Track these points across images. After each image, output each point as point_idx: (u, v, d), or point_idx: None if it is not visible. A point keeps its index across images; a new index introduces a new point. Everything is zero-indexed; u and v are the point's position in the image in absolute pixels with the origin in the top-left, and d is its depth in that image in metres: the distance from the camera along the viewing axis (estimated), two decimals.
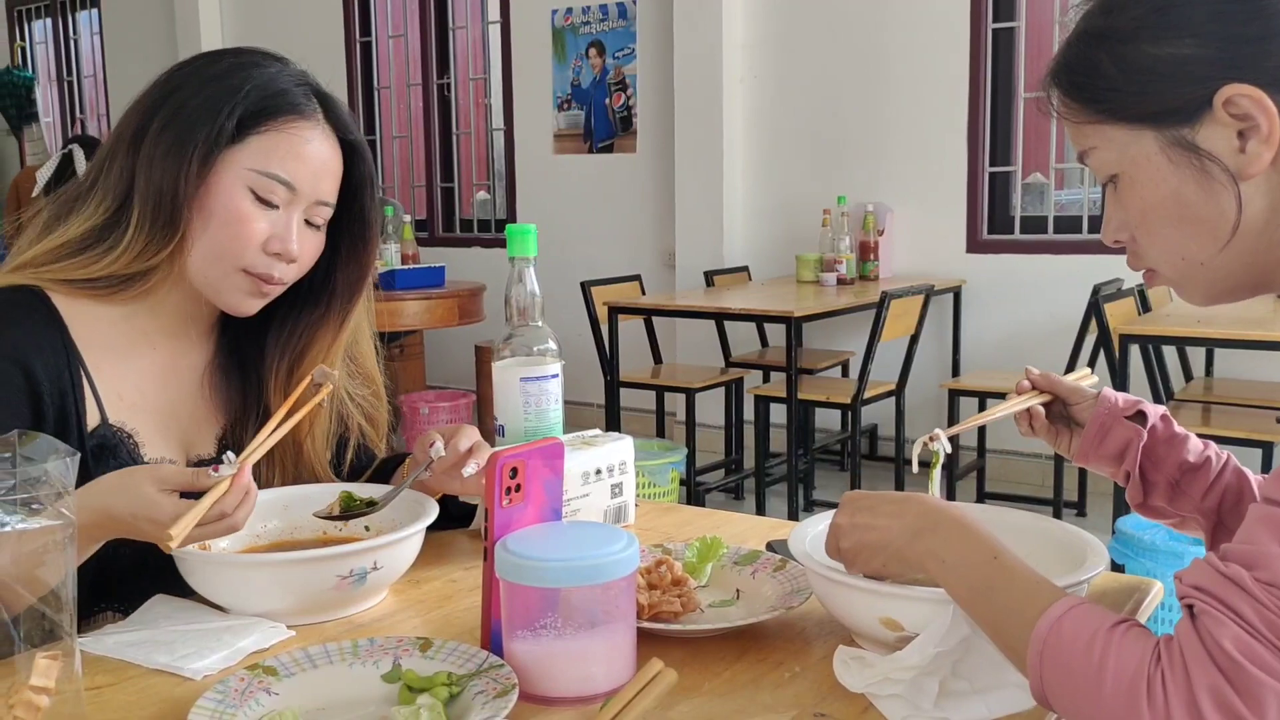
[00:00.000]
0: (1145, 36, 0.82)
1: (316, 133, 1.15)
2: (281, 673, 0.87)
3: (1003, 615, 0.80)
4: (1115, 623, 0.74)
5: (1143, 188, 0.84)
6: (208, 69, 1.15)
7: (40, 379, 1.07)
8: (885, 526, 0.90)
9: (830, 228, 4.52)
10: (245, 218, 1.12)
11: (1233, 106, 0.79)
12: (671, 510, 1.42)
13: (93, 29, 7.72)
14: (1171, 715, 0.69)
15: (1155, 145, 0.82)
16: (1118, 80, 0.83)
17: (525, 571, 0.85)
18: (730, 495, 4.41)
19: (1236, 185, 0.80)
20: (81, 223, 1.12)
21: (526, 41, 5.64)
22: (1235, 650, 0.68)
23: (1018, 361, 4.42)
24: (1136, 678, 0.71)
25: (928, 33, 4.53)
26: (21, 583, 0.77)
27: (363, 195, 1.22)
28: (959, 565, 0.84)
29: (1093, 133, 0.86)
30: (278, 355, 1.23)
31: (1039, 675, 0.76)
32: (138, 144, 1.12)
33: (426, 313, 4.54)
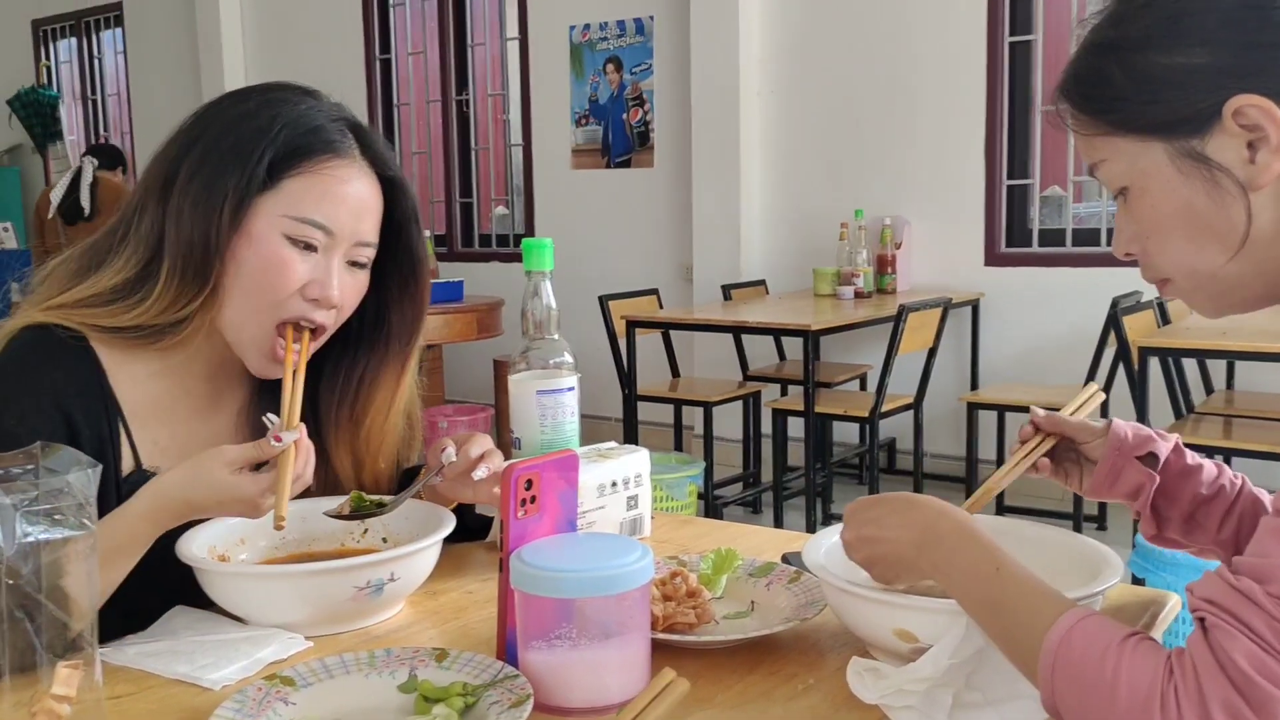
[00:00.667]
0: (1155, 46, 0.82)
1: (353, 171, 1.11)
2: (299, 683, 0.88)
3: (1011, 627, 0.80)
4: (1126, 635, 0.74)
5: (1153, 199, 0.84)
6: (234, 109, 1.11)
7: (79, 423, 1.07)
8: (893, 540, 0.91)
9: (848, 241, 4.52)
10: (283, 264, 1.08)
11: (1242, 117, 0.79)
12: (687, 523, 1.42)
13: (116, 48, 7.82)
14: None
15: (1165, 156, 0.82)
16: (1127, 90, 0.83)
17: (540, 582, 0.85)
18: (748, 509, 4.40)
19: (1247, 196, 0.80)
20: (113, 275, 1.10)
21: (545, 57, 5.68)
22: (1247, 664, 0.68)
23: (1037, 375, 4.41)
24: (1151, 691, 0.70)
25: (945, 46, 4.53)
26: (44, 593, 0.78)
27: (408, 231, 1.18)
28: (964, 578, 0.85)
29: (1103, 145, 0.86)
30: (335, 403, 1.20)
31: (1050, 688, 0.76)
32: (166, 194, 1.09)
33: (445, 327, 4.57)
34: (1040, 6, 4.41)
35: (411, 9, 6.31)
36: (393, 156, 1.17)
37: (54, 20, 8.20)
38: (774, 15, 4.92)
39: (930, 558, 0.87)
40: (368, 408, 1.21)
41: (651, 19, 5.30)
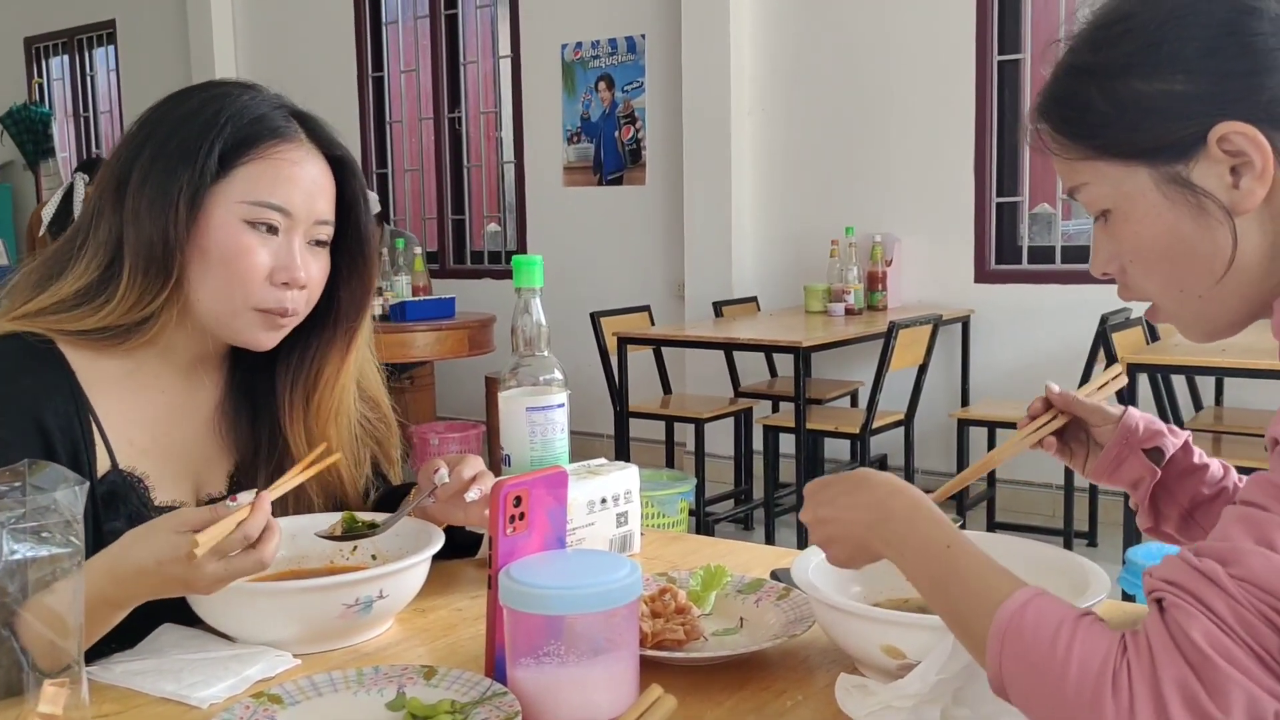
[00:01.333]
0: (1137, 73, 0.82)
1: (302, 153, 1.13)
2: (287, 701, 0.88)
3: (961, 604, 0.80)
4: (1081, 614, 0.73)
5: (1137, 224, 0.84)
6: (178, 109, 1.13)
7: (51, 428, 1.07)
8: (846, 520, 0.90)
9: (838, 258, 4.53)
10: (245, 250, 1.10)
11: (1227, 143, 0.79)
12: (677, 539, 1.42)
13: (109, 65, 7.83)
14: (1136, 708, 0.67)
15: (1150, 181, 0.83)
16: (1110, 116, 0.83)
17: (529, 599, 0.85)
18: (739, 526, 4.40)
19: (1232, 220, 0.81)
20: (74, 281, 1.10)
21: (537, 76, 5.70)
22: (1205, 643, 0.67)
23: (1027, 391, 4.40)
24: (1102, 669, 0.69)
25: (934, 64, 4.56)
26: (30, 610, 0.78)
27: (357, 210, 1.20)
28: (915, 555, 0.84)
29: (1085, 169, 0.86)
30: (289, 384, 1.21)
31: (998, 665, 0.75)
32: (120, 198, 1.10)
33: (437, 344, 4.56)
34: (1028, 25, 4.45)
35: (404, 27, 6.34)
36: (338, 136, 1.19)
37: (47, 38, 8.22)
38: (765, 34, 4.95)
39: (882, 535, 0.87)
40: (317, 383, 1.21)
41: (643, 37, 5.33)
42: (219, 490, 1.20)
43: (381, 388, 1.31)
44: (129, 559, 0.95)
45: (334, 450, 1.17)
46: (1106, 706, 0.68)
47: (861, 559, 0.91)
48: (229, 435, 1.22)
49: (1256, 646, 0.68)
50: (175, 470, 1.17)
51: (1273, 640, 0.68)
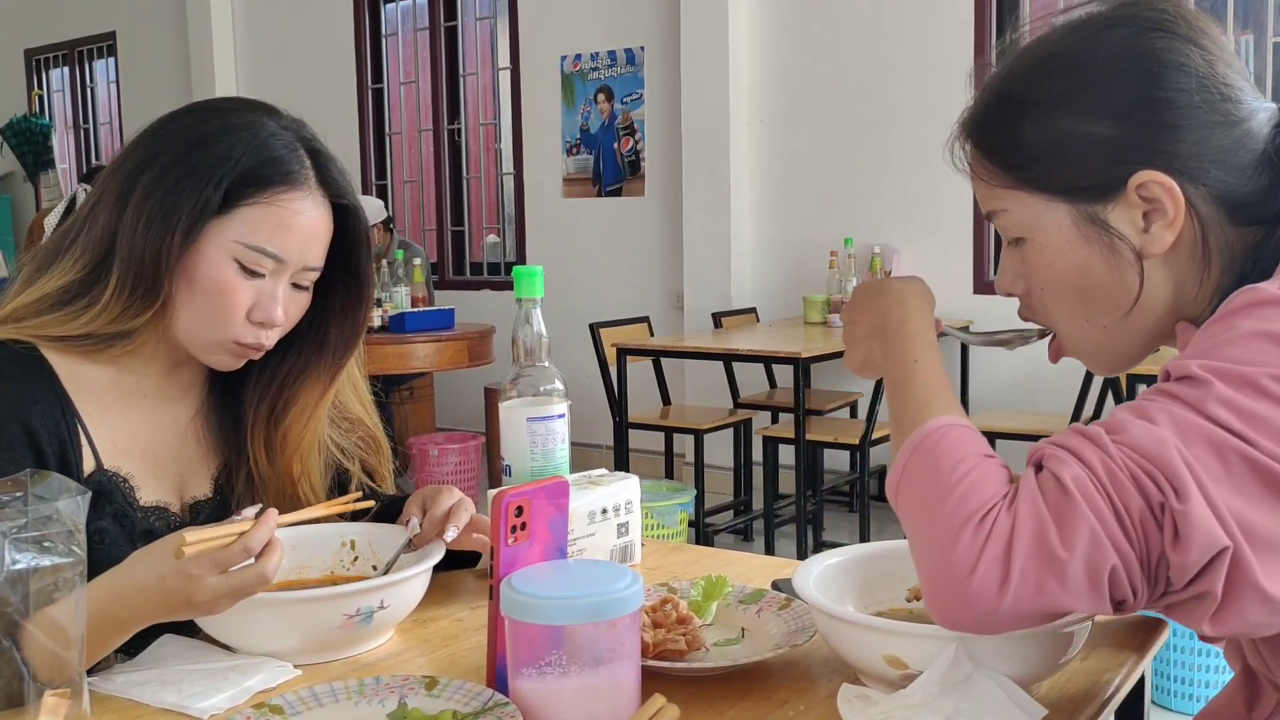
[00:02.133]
0: (1070, 111, 0.86)
1: (307, 203, 1.13)
2: (288, 711, 0.88)
3: (904, 413, 0.84)
4: (991, 454, 0.77)
5: (1051, 255, 0.89)
6: (195, 129, 1.12)
7: (38, 430, 1.08)
8: (859, 323, 0.95)
9: (837, 269, 4.54)
10: (229, 289, 1.10)
11: (1144, 190, 0.84)
12: (678, 550, 1.42)
13: (109, 77, 7.85)
14: (990, 540, 0.72)
15: (1068, 218, 0.87)
16: (1039, 150, 0.87)
17: (530, 609, 0.85)
18: (739, 536, 4.39)
19: (1141, 263, 0.85)
20: (59, 277, 1.11)
21: (536, 87, 5.72)
22: (1070, 483, 0.71)
23: (1026, 402, 4.42)
24: (979, 506, 0.74)
25: (932, 75, 4.57)
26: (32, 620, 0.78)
27: (357, 254, 1.20)
28: (890, 363, 0.89)
29: (1006, 196, 0.90)
30: (255, 400, 1.22)
31: (902, 467, 0.79)
32: (121, 206, 1.10)
33: (436, 355, 4.56)
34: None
35: (403, 39, 6.36)
36: (348, 182, 1.19)
37: (47, 49, 8.24)
38: (763, 46, 4.97)
39: (876, 342, 0.91)
40: (287, 409, 1.21)
41: (642, 49, 5.34)
42: (204, 492, 1.21)
43: (365, 408, 1.31)
44: (131, 575, 0.95)
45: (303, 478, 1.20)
46: (967, 531, 0.73)
47: (870, 367, 0.94)
48: (211, 438, 1.23)
49: (1117, 500, 0.71)
50: (159, 471, 1.18)
51: (1135, 500, 0.71)
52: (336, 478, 1.29)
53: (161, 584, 0.93)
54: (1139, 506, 0.71)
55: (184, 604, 0.94)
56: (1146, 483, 0.71)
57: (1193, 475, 0.70)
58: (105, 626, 0.95)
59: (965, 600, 0.73)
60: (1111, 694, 0.95)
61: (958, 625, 0.76)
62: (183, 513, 1.18)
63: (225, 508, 1.20)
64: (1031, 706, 0.82)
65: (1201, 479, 0.70)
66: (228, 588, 0.93)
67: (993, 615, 0.73)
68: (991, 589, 0.72)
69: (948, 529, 0.74)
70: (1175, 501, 0.70)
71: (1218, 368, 0.74)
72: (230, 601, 0.95)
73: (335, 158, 1.18)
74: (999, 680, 0.83)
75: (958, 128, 0.94)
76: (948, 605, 0.75)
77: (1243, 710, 0.94)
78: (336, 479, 1.29)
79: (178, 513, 1.18)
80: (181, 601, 0.94)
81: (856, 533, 4.09)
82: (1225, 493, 0.70)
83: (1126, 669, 0.99)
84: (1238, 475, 0.71)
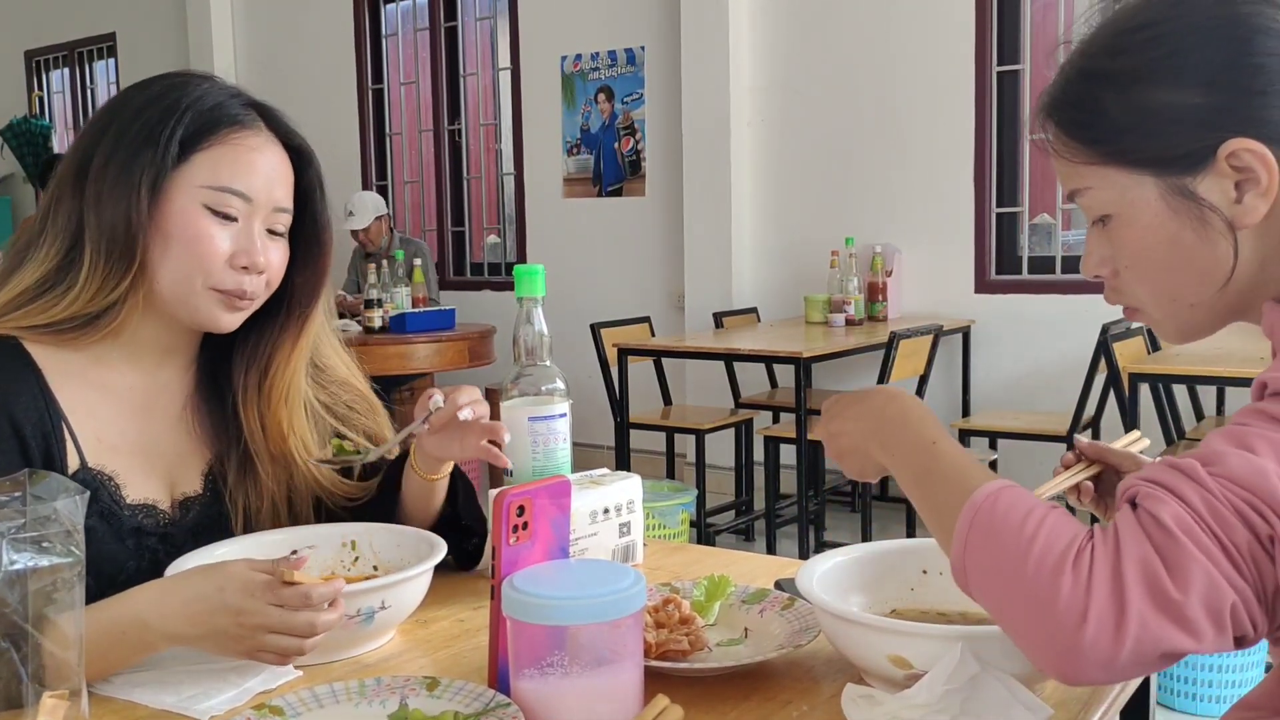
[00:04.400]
0: (1156, 81, 0.82)
1: (261, 139, 1.15)
2: (288, 712, 0.87)
3: (939, 494, 0.81)
4: (1052, 505, 0.75)
5: (1140, 231, 0.85)
6: (139, 96, 1.14)
7: (22, 423, 1.07)
8: (850, 431, 0.93)
9: (838, 269, 4.53)
10: (205, 235, 1.11)
11: (1236, 159, 0.80)
12: (680, 550, 1.42)
13: (109, 78, 7.84)
14: (1094, 581, 0.69)
15: (1155, 191, 0.83)
16: (1124, 123, 0.84)
17: (532, 609, 0.84)
18: (740, 537, 4.39)
19: (1233, 234, 0.82)
20: (34, 269, 1.11)
21: (536, 87, 5.71)
22: (1173, 524, 0.69)
23: (1028, 401, 4.42)
24: (1067, 548, 0.71)
25: (933, 75, 4.57)
26: (30, 621, 0.78)
27: (313, 199, 1.22)
28: (904, 454, 0.87)
29: (1090, 173, 0.87)
30: (244, 368, 1.22)
31: (964, 544, 0.76)
32: (81, 183, 1.11)
33: (437, 355, 4.56)
34: (1027, 36, 4.46)
35: (404, 39, 6.35)
36: (296, 126, 1.20)
37: (47, 51, 8.23)
38: (764, 46, 4.96)
39: (879, 440, 0.89)
40: (269, 368, 1.22)
41: (642, 49, 5.34)
42: (195, 488, 1.19)
43: (352, 370, 1.31)
44: (188, 583, 0.96)
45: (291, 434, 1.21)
46: (1065, 579, 0.69)
47: (870, 469, 0.93)
48: (200, 430, 1.22)
49: (1224, 536, 0.69)
50: (147, 468, 1.16)
51: (1242, 535, 0.69)
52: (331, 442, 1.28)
53: (220, 595, 0.93)
54: (1246, 540, 0.68)
55: (232, 621, 0.93)
56: (1251, 515, 0.68)
57: None
58: (133, 633, 0.94)
59: (1082, 651, 0.69)
60: (1117, 694, 0.94)
61: (1081, 680, 0.71)
62: (172, 509, 1.17)
63: (217, 502, 1.19)
64: (1037, 706, 0.82)
65: None
66: (279, 621, 0.92)
67: (1114, 660, 0.69)
68: (1109, 632, 0.68)
69: (1040, 584, 0.70)
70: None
71: None
72: (269, 643, 0.93)
73: (278, 108, 1.20)
74: (1004, 680, 0.82)
75: (1037, 109, 0.91)
76: (1066, 662, 0.70)
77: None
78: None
79: (167, 509, 1.17)
80: (231, 618, 0.93)
81: (859, 532, 4.08)
82: None
83: None
84: None
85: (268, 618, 0.92)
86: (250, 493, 1.20)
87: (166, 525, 1.15)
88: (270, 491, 1.22)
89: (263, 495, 1.21)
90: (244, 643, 0.94)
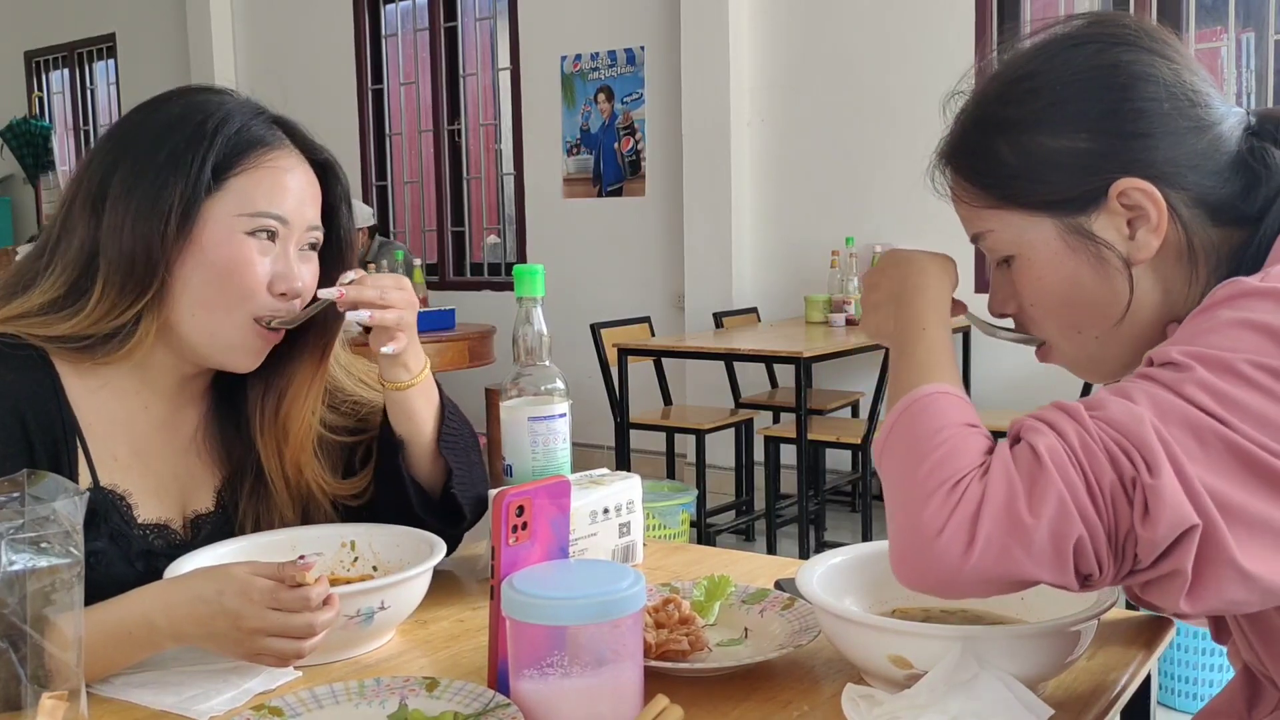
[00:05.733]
0: (1045, 129, 0.88)
1: (292, 160, 1.13)
2: (288, 713, 0.87)
3: (902, 377, 0.86)
4: (975, 424, 0.79)
5: (1040, 270, 0.90)
6: (156, 117, 1.11)
7: (32, 426, 1.05)
8: (881, 285, 0.96)
9: (839, 269, 4.53)
10: (246, 262, 1.08)
11: (1125, 198, 0.86)
12: (680, 550, 1.42)
13: (109, 79, 7.84)
14: (960, 504, 0.73)
15: (1053, 231, 0.89)
16: (1017, 168, 0.89)
17: (531, 609, 0.84)
18: (741, 537, 4.38)
19: (1129, 269, 0.87)
20: (40, 295, 1.08)
21: (536, 87, 5.71)
22: (1045, 453, 0.73)
23: (1028, 401, 4.41)
24: (953, 473, 0.75)
25: (933, 74, 4.56)
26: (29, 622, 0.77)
27: (339, 214, 1.19)
28: (899, 330, 0.90)
29: (990, 216, 0.92)
30: (260, 394, 1.19)
31: (889, 428, 0.81)
32: (98, 213, 1.07)
33: (436, 355, 4.55)
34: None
35: (403, 40, 6.35)
36: (318, 141, 1.18)
37: (47, 51, 8.23)
38: (764, 45, 4.96)
39: (892, 308, 0.93)
40: (287, 391, 1.19)
41: (642, 49, 5.34)
42: (206, 508, 1.18)
43: (370, 383, 1.28)
44: (189, 586, 0.96)
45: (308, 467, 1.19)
46: (935, 501, 0.74)
47: (882, 334, 0.94)
48: (213, 453, 1.20)
49: (1090, 472, 0.72)
50: (160, 489, 1.15)
51: (1108, 474, 0.72)
52: (344, 459, 1.26)
53: (219, 599, 0.93)
54: (1110, 480, 0.72)
55: (231, 625, 0.93)
56: (1120, 456, 0.72)
57: (1167, 452, 0.71)
58: (140, 630, 0.94)
59: (929, 561, 0.75)
60: (1118, 694, 0.94)
61: (920, 585, 0.78)
62: (184, 529, 1.16)
63: (228, 522, 1.18)
64: (1038, 706, 0.82)
65: (1176, 456, 0.71)
66: (277, 624, 0.92)
67: (955, 577, 0.74)
68: (956, 551, 0.73)
69: (920, 491, 0.75)
70: (1147, 476, 0.71)
71: (1198, 353, 0.75)
72: (270, 644, 0.93)
73: (300, 123, 1.17)
74: (1005, 680, 0.82)
75: (935, 156, 0.97)
76: (912, 566, 0.77)
77: (1243, 709, 0.94)
78: (344, 461, 1.26)
79: (179, 529, 1.15)
80: (229, 622, 0.93)
81: (859, 532, 4.08)
82: (1201, 470, 0.71)
83: (1132, 668, 0.98)
84: (1215, 455, 0.72)
85: (265, 621, 0.92)
86: (263, 517, 1.19)
87: (178, 546, 1.13)
88: (284, 518, 1.20)
89: (274, 520, 1.20)
90: (242, 645, 0.94)
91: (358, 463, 1.27)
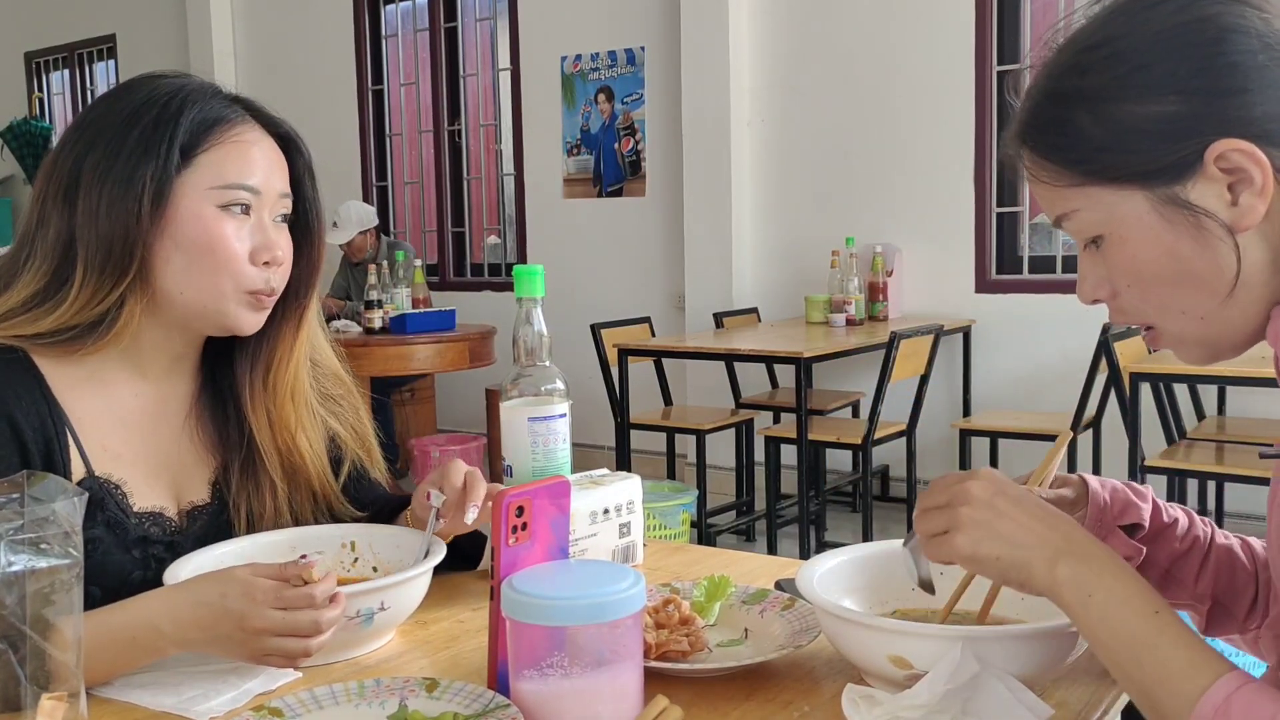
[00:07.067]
0: (1129, 95, 0.80)
1: (256, 133, 1.15)
2: (288, 714, 0.87)
3: (1156, 678, 0.76)
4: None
5: (1135, 247, 0.82)
6: (121, 104, 1.12)
7: (24, 428, 1.06)
8: (1027, 527, 0.84)
9: (839, 269, 4.53)
10: (222, 235, 1.10)
11: (1224, 161, 0.78)
12: (680, 550, 1.42)
13: (109, 80, 7.85)
14: None
15: (1146, 204, 0.81)
16: (1102, 140, 0.81)
17: (531, 610, 0.84)
18: (741, 537, 4.38)
19: (1233, 238, 0.79)
20: (23, 289, 1.09)
21: (536, 88, 5.71)
22: None
23: (1029, 401, 4.41)
24: None
25: (933, 75, 4.57)
26: (28, 623, 0.77)
27: (304, 186, 1.21)
28: (1112, 608, 0.79)
29: (1075, 195, 0.84)
30: (248, 365, 1.21)
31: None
32: (71, 201, 1.09)
33: (437, 356, 4.56)
34: (1027, 35, 4.46)
35: (403, 40, 6.35)
36: (278, 114, 1.20)
37: (47, 52, 8.23)
38: (764, 46, 4.96)
39: (1070, 570, 0.81)
40: (272, 361, 1.21)
41: (642, 50, 5.34)
42: (202, 497, 1.18)
43: (338, 362, 1.30)
44: (193, 590, 0.96)
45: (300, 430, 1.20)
46: None
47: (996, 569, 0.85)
48: (206, 438, 1.21)
49: None
50: (154, 477, 1.16)
51: None
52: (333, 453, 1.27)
53: (223, 601, 0.93)
54: None
55: (236, 627, 0.93)
56: None
57: None
58: (145, 637, 0.95)
59: None
60: (1118, 694, 0.94)
61: None
62: (179, 517, 1.16)
63: (223, 511, 1.19)
64: (1038, 706, 0.81)
65: None
66: (282, 623, 0.93)
67: None
68: None
69: None
70: None
71: None
72: (276, 644, 0.93)
73: (257, 99, 1.19)
74: (1005, 680, 0.82)
75: (1009, 137, 0.89)
76: None
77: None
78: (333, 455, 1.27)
79: (174, 517, 1.16)
80: (234, 623, 0.93)
81: (859, 533, 4.08)
82: None
83: None
84: None
85: (270, 621, 0.92)
86: (253, 498, 1.20)
87: (173, 534, 1.14)
88: (274, 494, 1.21)
89: (265, 500, 1.20)
90: (248, 646, 0.94)
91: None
